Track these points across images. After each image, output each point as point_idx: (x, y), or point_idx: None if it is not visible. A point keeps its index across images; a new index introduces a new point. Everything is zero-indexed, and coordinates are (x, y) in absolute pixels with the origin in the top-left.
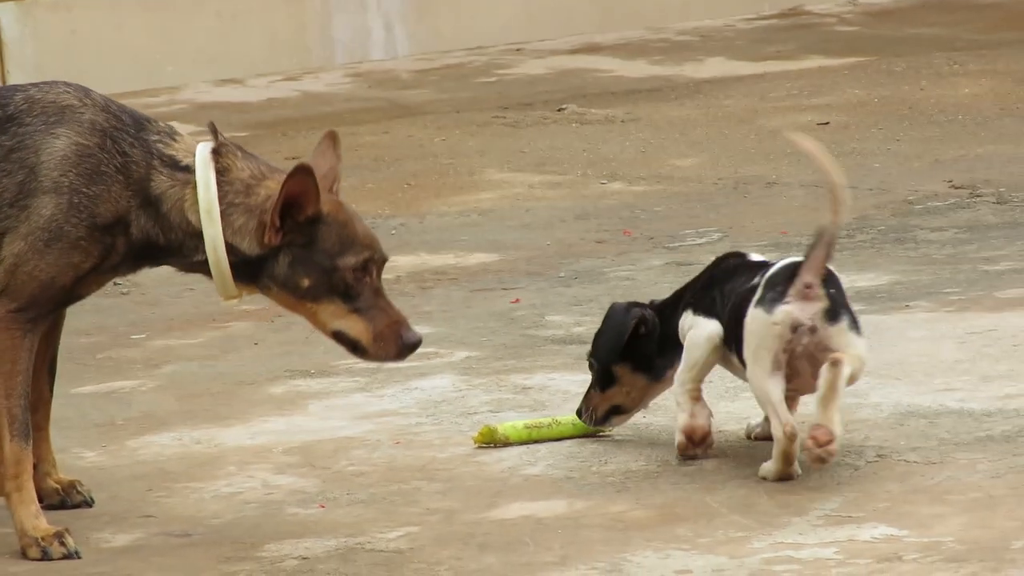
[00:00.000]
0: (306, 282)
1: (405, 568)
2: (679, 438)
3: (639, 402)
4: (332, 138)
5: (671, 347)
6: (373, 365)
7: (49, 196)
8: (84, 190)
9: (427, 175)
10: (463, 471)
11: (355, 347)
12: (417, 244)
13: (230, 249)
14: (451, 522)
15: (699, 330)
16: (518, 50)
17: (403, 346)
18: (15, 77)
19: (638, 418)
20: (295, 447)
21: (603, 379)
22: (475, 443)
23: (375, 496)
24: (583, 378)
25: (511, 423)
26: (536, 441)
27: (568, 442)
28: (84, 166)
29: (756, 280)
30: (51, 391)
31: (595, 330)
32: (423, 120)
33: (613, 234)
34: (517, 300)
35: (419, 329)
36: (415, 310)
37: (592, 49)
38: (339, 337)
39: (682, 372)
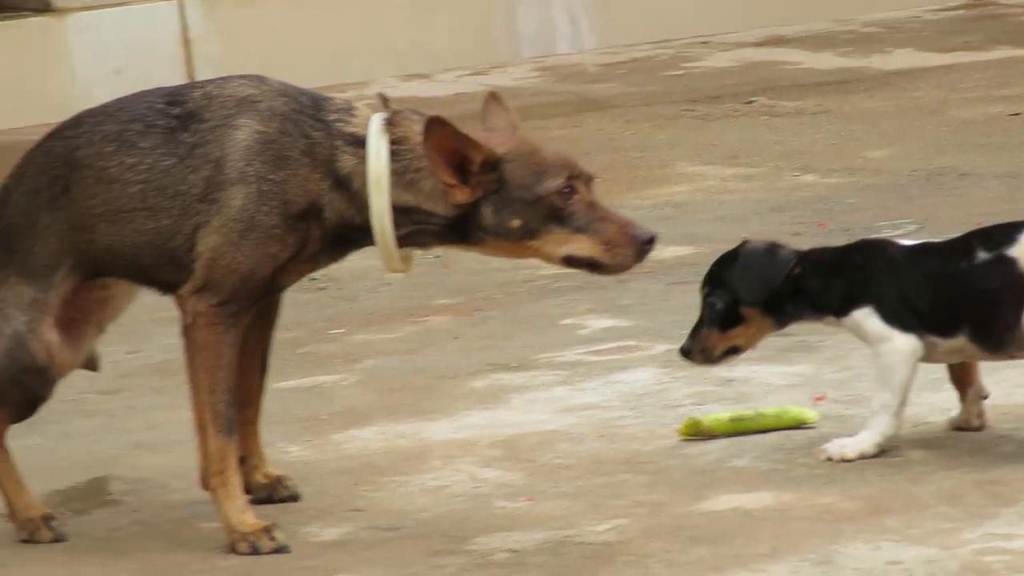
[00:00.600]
0: (516, 222)
1: (615, 560)
2: (846, 453)
3: (753, 344)
4: (494, 97)
5: (802, 304)
6: (611, 277)
7: (237, 187)
8: (271, 176)
9: (618, 168)
10: (669, 464)
11: (591, 264)
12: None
13: (428, 217)
14: (659, 514)
15: (896, 344)
16: (704, 43)
17: (640, 246)
18: (201, 73)
19: (842, 410)
20: (500, 440)
21: (727, 318)
22: (680, 436)
23: (582, 489)
24: (785, 370)
25: (716, 415)
26: (741, 433)
27: (773, 434)
28: (268, 153)
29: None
30: (262, 386)
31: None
32: (612, 114)
33: (808, 226)
34: None
35: (616, 322)
36: (613, 304)
37: (779, 41)
38: (571, 261)
39: (887, 397)
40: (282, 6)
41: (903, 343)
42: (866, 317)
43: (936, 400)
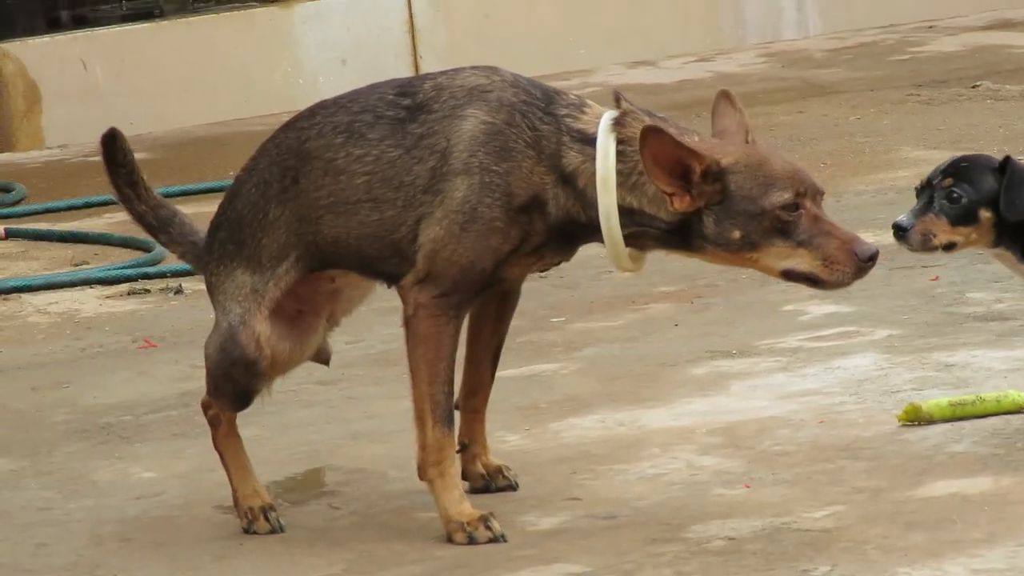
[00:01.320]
0: (737, 233)
1: (832, 547)
2: None
3: (967, 247)
4: (727, 96)
5: None
6: (830, 291)
7: (460, 178)
8: (494, 168)
9: (843, 154)
10: (888, 449)
11: (810, 279)
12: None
13: (649, 220)
14: (877, 500)
15: None
16: (931, 27)
17: (861, 263)
18: (428, 63)
19: None
20: (718, 428)
21: (963, 215)
22: (899, 421)
23: (800, 476)
24: (1006, 354)
25: (935, 401)
26: (961, 418)
27: (993, 419)
28: (493, 144)
29: None
30: (493, 377)
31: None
32: (837, 99)
33: None
34: (936, 278)
35: (838, 308)
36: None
37: (1005, 25)
38: (790, 275)
39: None
40: None
41: None
42: None
43: None
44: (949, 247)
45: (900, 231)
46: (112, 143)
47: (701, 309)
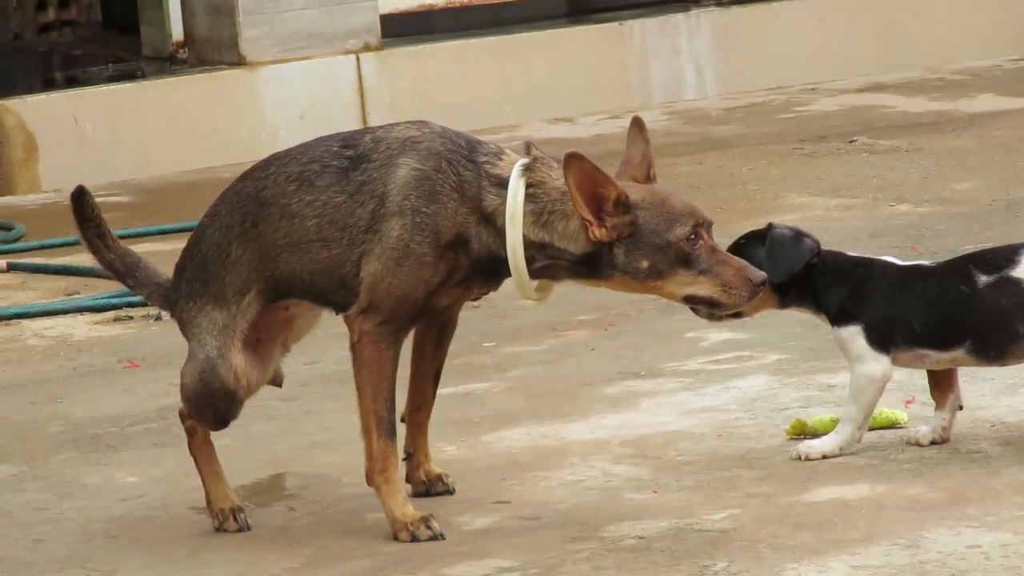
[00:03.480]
0: (645, 264)
1: (730, 545)
2: (811, 453)
3: (754, 313)
4: (638, 124)
5: (805, 294)
6: (726, 318)
7: (395, 219)
8: (424, 209)
9: (736, 200)
10: (777, 459)
11: (710, 303)
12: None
13: (560, 253)
14: (768, 504)
15: (868, 368)
16: (813, 89)
17: (753, 287)
18: (374, 118)
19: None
20: (630, 440)
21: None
22: (787, 435)
23: (701, 482)
24: None
25: (819, 417)
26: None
27: (869, 433)
28: (423, 188)
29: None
30: (434, 394)
31: None
32: (731, 152)
33: (902, 250)
34: None
35: (733, 335)
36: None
37: (878, 88)
38: (692, 300)
39: (853, 412)
40: (444, 59)
41: (875, 369)
42: (853, 335)
43: (1013, 403)
44: (737, 315)
45: (693, 311)
46: (81, 199)
47: (614, 336)
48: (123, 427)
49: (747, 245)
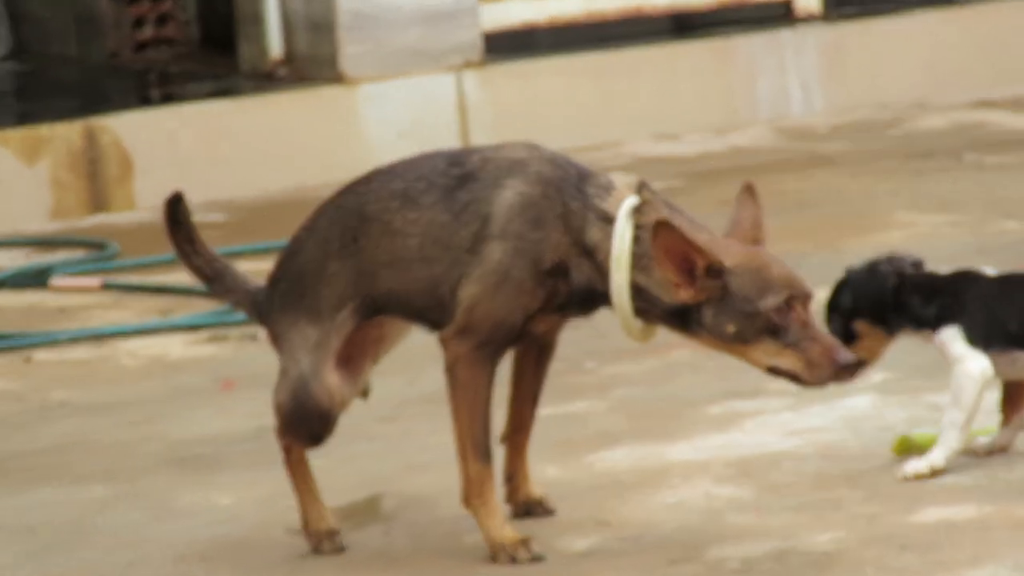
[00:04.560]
0: (732, 328)
1: (834, 567)
2: (920, 471)
3: (876, 357)
4: (749, 190)
5: (905, 315)
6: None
7: (498, 242)
8: (528, 235)
9: (843, 217)
10: (883, 480)
11: (792, 377)
12: (837, 278)
13: (654, 300)
14: (874, 526)
15: (968, 367)
16: (921, 106)
17: (838, 368)
18: (475, 137)
19: None
20: (733, 461)
21: (845, 337)
22: (894, 453)
23: (805, 503)
24: (989, 395)
25: (926, 434)
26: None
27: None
28: (529, 214)
29: None
30: (534, 415)
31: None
32: (839, 169)
33: (1011, 267)
34: None
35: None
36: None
37: (987, 104)
38: (774, 371)
39: (956, 415)
40: (547, 77)
41: (975, 367)
42: (953, 337)
43: None
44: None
45: None
46: (176, 204)
47: (717, 356)
48: (219, 447)
49: (834, 294)
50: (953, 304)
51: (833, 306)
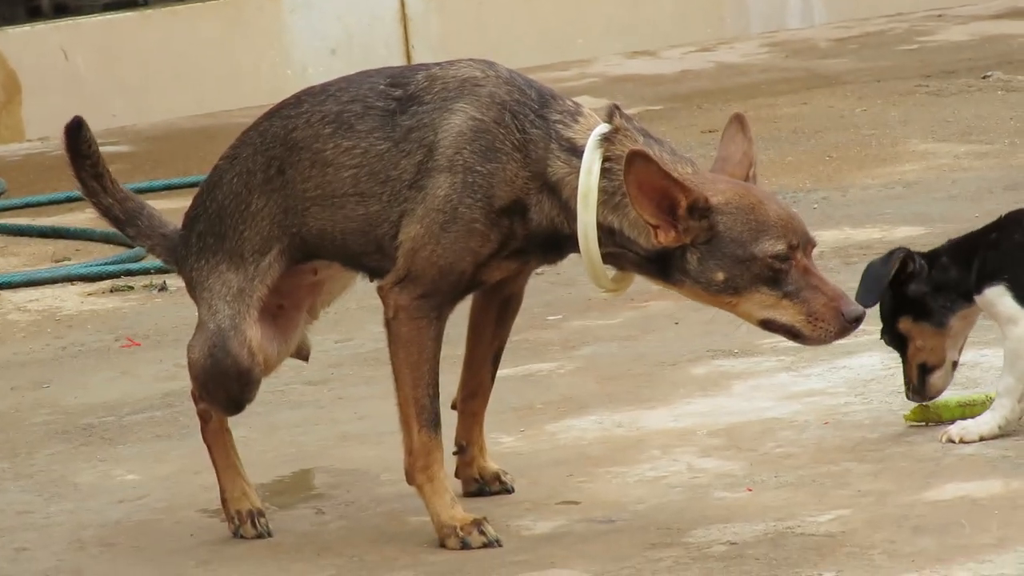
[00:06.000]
0: (721, 276)
1: (837, 552)
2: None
3: (940, 353)
4: (740, 121)
5: (948, 294)
6: (807, 346)
7: (444, 175)
8: (478, 168)
9: (849, 147)
10: (894, 451)
11: (790, 332)
12: (840, 218)
13: (629, 243)
14: (884, 504)
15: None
16: (939, 16)
17: (845, 322)
18: (420, 54)
19: None
20: (720, 429)
21: (898, 343)
22: (906, 421)
23: (804, 478)
24: None
25: (943, 400)
26: (970, 418)
27: None
28: (480, 142)
29: None
30: (492, 380)
31: None
32: (843, 90)
33: None
34: None
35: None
36: (841, 286)
37: (1017, 14)
38: (769, 325)
39: (1011, 382)
40: None
41: None
42: (999, 296)
43: None
44: (929, 368)
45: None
46: (77, 132)
47: (703, 308)
48: (121, 416)
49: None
50: (995, 259)
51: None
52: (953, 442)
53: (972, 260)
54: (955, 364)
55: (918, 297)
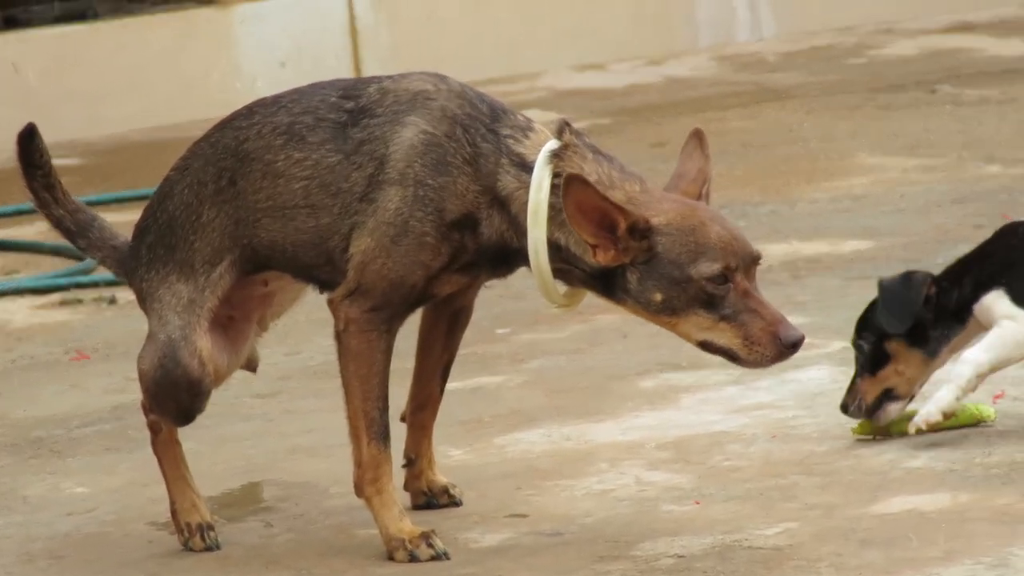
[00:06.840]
0: (659, 296)
1: (784, 565)
2: (931, 416)
3: (911, 387)
4: (698, 137)
5: (946, 320)
6: (744, 369)
7: (395, 188)
8: (431, 181)
9: (797, 160)
10: (842, 465)
11: (728, 355)
12: (789, 231)
13: (575, 260)
14: (831, 517)
15: (1018, 325)
16: (888, 30)
17: (782, 347)
18: (370, 66)
19: (1022, 407)
20: (668, 442)
21: (875, 359)
22: (854, 435)
23: (751, 492)
24: None
25: None
26: (918, 432)
27: (950, 433)
28: (431, 156)
29: None
30: (441, 393)
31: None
32: (792, 104)
33: (991, 219)
34: None
35: (794, 319)
36: (789, 300)
37: (965, 28)
38: (707, 347)
39: (982, 357)
40: None
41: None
42: (997, 299)
43: None
44: (893, 396)
45: (843, 410)
46: (29, 141)
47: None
48: (70, 429)
49: (865, 312)
50: (991, 269)
51: (863, 326)
52: (923, 431)
53: (966, 277)
54: (912, 398)
55: (920, 322)
